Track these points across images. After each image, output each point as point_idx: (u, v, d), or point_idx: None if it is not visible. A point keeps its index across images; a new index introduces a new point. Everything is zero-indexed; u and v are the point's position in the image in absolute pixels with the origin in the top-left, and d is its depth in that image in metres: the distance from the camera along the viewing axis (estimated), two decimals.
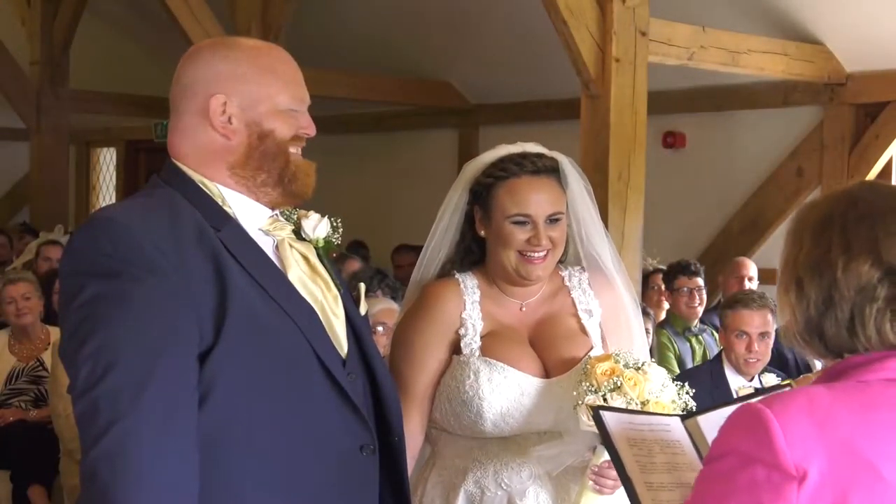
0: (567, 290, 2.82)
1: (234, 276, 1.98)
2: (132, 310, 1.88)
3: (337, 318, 2.14)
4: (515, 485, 2.65)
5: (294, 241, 2.17)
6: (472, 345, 2.70)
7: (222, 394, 1.94)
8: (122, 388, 1.84)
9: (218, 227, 2.03)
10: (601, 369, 2.57)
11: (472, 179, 2.79)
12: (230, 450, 1.95)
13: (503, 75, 9.01)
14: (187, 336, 1.91)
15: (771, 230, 7.94)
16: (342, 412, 2.07)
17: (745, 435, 1.56)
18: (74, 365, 1.90)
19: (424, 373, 2.71)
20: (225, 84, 2.08)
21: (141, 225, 1.95)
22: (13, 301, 6.24)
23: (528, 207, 2.69)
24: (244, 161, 2.09)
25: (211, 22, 7.48)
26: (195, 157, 2.10)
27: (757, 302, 4.71)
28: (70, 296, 1.93)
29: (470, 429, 2.67)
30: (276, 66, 2.13)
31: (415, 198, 9.60)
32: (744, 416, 1.58)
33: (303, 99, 2.16)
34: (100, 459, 1.82)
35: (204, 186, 2.09)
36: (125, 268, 1.90)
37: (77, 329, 1.91)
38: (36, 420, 6.15)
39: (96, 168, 13.78)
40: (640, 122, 5.81)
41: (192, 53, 2.15)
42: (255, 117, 2.09)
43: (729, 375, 4.65)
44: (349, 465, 2.08)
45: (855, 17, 6.93)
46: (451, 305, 2.74)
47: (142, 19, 10.77)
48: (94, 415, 1.84)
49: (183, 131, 2.12)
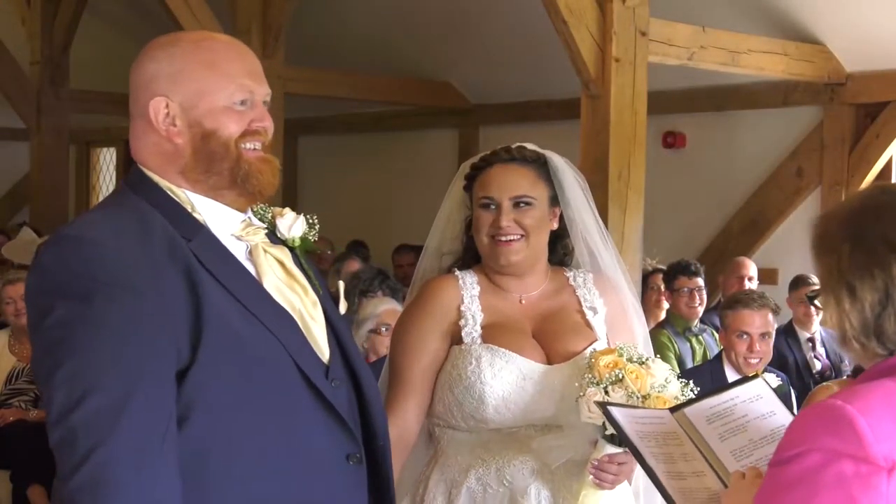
0: (572, 288, 2.86)
1: (209, 291, 1.91)
2: (107, 332, 1.81)
3: (316, 324, 2.07)
4: (518, 482, 2.67)
5: (268, 245, 2.08)
6: (472, 334, 2.73)
7: (202, 412, 1.87)
8: (100, 414, 1.77)
9: (189, 237, 1.95)
10: (604, 361, 2.59)
11: (462, 176, 2.86)
12: (213, 469, 1.89)
13: (503, 75, 9.01)
14: (165, 356, 1.84)
15: (771, 230, 7.94)
16: (326, 423, 2.01)
17: (829, 431, 1.60)
18: (48, 388, 1.82)
19: (418, 359, 2.74)
20: (164, 84, 1.99)
21: (112, 242, 1.87)
22: (12, 301, 6.25)
23: (491, 190, 2.76)
24: (193, 164, 2.00)
25: (211, 22, 7.47)
26: (152, 161, 2.02)
27: (757, 302, 4.71)
28: (40, 316, 1.85)
29: (472, 416, 2.68)
30: (217, 60, 2.01)
31: (415, 198, 9.60)
32: (824, 413, 1.62)
33: (251, 90, 2.02)
34: (80, 490, 1.75)
35: (172, 193, 2.01)
36: (96, 287, 1.82)
37: (49, 352, 1.83)
38: (36, 420, 6.14)
39: (96, 168, 13.78)
40: (640, 122, 5.81)
41: (140, 53, 2.06)
42: (196, 117, 1.99)
43: (729, 375, 4.65)
44: (336, 476, 2.02)
45: (855, 17, 6.93)
46: (447, 298, 2.77)
47: (142, 19, 10.76)
48: (73, 443, 1.76)
49: (136, 136, 2.04)
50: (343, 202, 10.45)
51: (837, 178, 7.55)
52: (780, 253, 7.83)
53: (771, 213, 7.93)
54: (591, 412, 2.54)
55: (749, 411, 2.20)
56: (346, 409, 2.06)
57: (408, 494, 2.79)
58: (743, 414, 2.19)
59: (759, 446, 2.13)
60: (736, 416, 2.19)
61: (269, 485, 1.93)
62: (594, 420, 2.55)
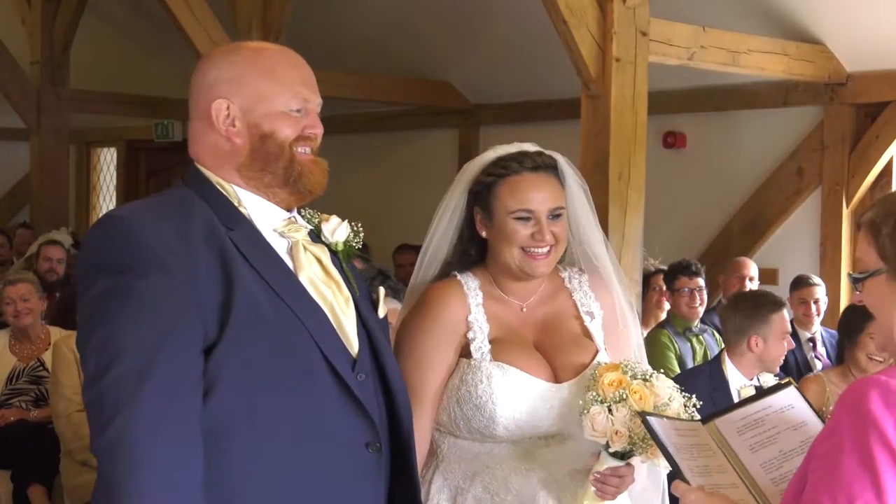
0: (568, 291, 2.83)
1: (242, 273, 2.02)
2: (135, 304, 1.94)
3: (347, 318, 2.17)
4: (525, 490, 2.65)
5: (309, 243, 2.20)
6: (482, 348, 2.70)
7: (225, 387, 1.98)
8: (123, 381, 1.89)
9: (231, 227, 2.08)
10: (608, 380, 2.57)
11: (472, 180, 2.79)
12: (232, 441, 1.99)
13: (503, 75, 9.01)
14: (190, 330, 1.95)
15: (771, 230, 7.94)
16: (347, 409, 2.10)
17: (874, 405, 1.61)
18: (84, 355, 1.97)
19: (433, 374, 2.70)
20: (226, 88, 2.13)
21: (149, 222, 2.01)
22: (13, 301, 6.25)
23: (531, 203, 2.71)
24: (250, 163, 2.14)
25: (211, 22, 7.47)
26: (208, 159, 2.16)
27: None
28: (83, 290, 2.01)
29: (480, 433, 2.67)
30: (276, 67, 2.16)
31: (415, 198, 9.60)
32: (870, 385, 1.64)
33: (306, 98, 2.18)
34: (103, 450, 1.89)
35: (221, 188, 2.14)
36: (132, 263, 1.96)
37: (86, 322, 1.98)
38: (36, 420, 6.15)
39: (96, 168, 13.77)
40: (640, 122, 5.80)
41: (202, 60, 2.22)
42: (255, 119, 2.13)
43: (729, 375, 4.65)
44: (353, 461, 2.11)
45: (855, 17, 6.93)
46: (456, 307, 2.74)
47: (142, 19, 10.76)
48: (100, 406, 1.90)
49: (195, 136, 2.19)
50: (343, 202, 10.42)
51: (837, 178, 7.55)
52: (780, 253, 7.83)
53: (771, 213, 7.93)
54: (595, 430, 2.53)
55: (780, 422, 2.18)
56: (370, 399, 2.15)
57: None
58: (774, 425, 2.17)
59: (789, 458, 2.10)
60: (767, 426, 2.17)
61: (287, 461, 2.02)
62: (597, 438, 2.54)
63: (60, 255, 8.40)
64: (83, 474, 5.46)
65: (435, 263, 2.86)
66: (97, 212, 13.60)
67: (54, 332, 6.39)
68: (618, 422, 2.52)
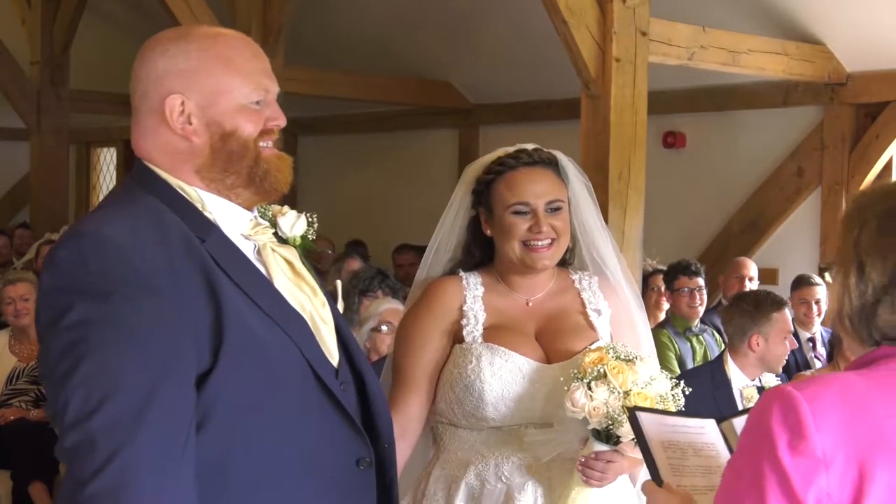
0: (577, 290, 2.87)
1: (227, 293, 1.87)
2: (127, 334, 1.75)
3: (326, 325, 2.04)
4: (515, 478, 2.68)
5: (276, 245, 2.05)
6: (474, 333, 2.75)
7: (221, 416, 1.84)
8: (121, 419, 1.72)
9: (203, 237, 1.90)
10: (590, 358, 2.61)
11: (473, 180, 2.84)
12: (228, 474, 1.86)
13: (503, 75, 9.01)
14: (185, 358, 1.80)
15: (771, 230, 7.95)
16: (339, 425, 1.99)
17: (774, 417, 1.56)
18: (61, 389, 1.75)
19: (420, 357, 2.76)
20: (179, 81, 1.93)
21: (130, 239, 1.81)
22: (12, 301, 6.25)
23: (526, 195, 2.74)
24: (210, 163, 1.95)
25: (211, 22, 7.47)
26: (163, 159, 1.96)
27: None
28: (56, 315, 1.78)
29: (472, 415, 2.70)
30: (233, 56, 1.96)
31: (415, 198, 9.61)
32: (774, 397, 1.58)
33: (267, 88, 1.99)
34: (101, 496, 1.71)
35: (182, 191, 1.95)
36: (117, 287, 1.77)
37: (66, 353, 1.76)
38: (36, 419, 6.15)
39: (96, 168, 13.78)
40: (640, 122, 5.81)
41: (146, 46, 1.98)
42: (214, 116, 1.94)
43: (731, 375, 4.65)
44: (346, 480, 2.00)
45: (855, 17, 6.93)
46: (450, 298, 2.79)
47: (142, 19, 10.76)
48: (92, 447, 1.72)
49: (143, 132, 1.98)
50: (343, 202, 10.45)
51: (837, 178, 7.55)
52: (780, 253, 7.83)
53: (771, 213, 7.93)
54: (574, 406, 2.56)
55: None
56: (354, 411, 2.03)
57: (410, 491, 2.80)
58: None
59: None
60: None
61: (283, 487, 1.91)
62: (576, 414, 2.56)
63: None
64: None
65: (439, 263, 2.90)
66: None
67: None
68: (596, 398, 2.53)
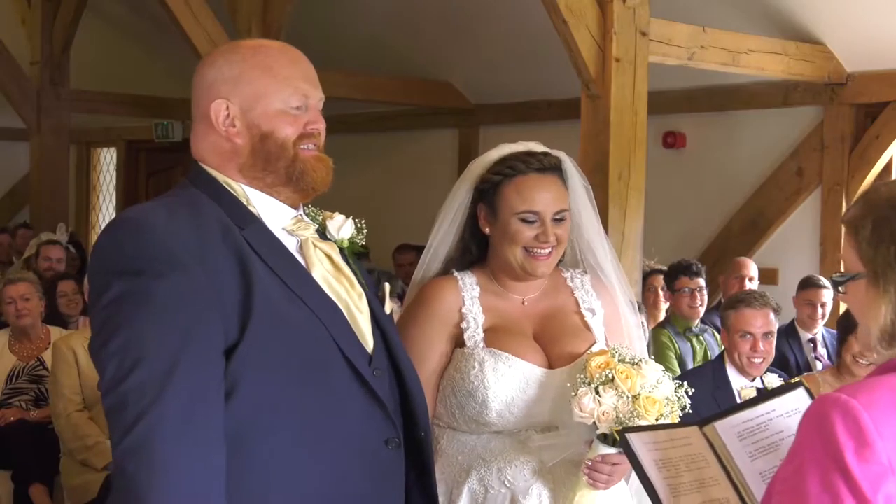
0: (570, 289, 2.86)
1: (259, 273, 2.01)
2: (155, 306, 1.92)
3: (362, 315, 2.17)
4: (519, 483, 2.67)
5: (318, 240, 2.19)
6: (475, 337, 2.73)
7: (248, 388, 1.97)
8: (147, 383, 1.88)
9: (242, 226, 2.07)
10: (596, 362, 2.60)
11: (478, 177, 2.81)
12: (256, 442, 1.98)
13: (503, 75, 9.01)
14: (211, 331, 1.94)
15: (771, 230, 7.94)
16: (367, 406, 2.11)
17: (832, 428, 1.56)
18: (101, 361, 1.94)
19: (425, 364, 2.72)
20: (225, 88, 2.12)
21: (163, 223, 1.98)
22: (13, 301, 6.25)
23: (537, 205, 2.73)
24: (251, 163, 2.13)
25: (211, 22, 7.47)
26: (212, 159, 2.15)
27: (759, 301, 4.70)
28: (97, 294, 1.98)
29: (475, 420, 2.69)
30: (273, 65, 2.14)
31: (415, 198, 9.61)
32: (831, 406, 1.57)
33: (307, 94, 2.16)
34: (126, 453, 1.87)
35: (228, 187, 2.13)
36: (147, 265, 1.93)
37: (103, 327, 1.95)
38: (37, 420, 6.15)
39: (96, 168, 13.77)
40: (640, 122, 5.81)
41: (202, 61, 2.20)
42: (254, 119, 2.12)
43: (731, 376, 4.64)
44: (374, 458, 2.12)
45: (855, 17, 6.93)
46: (449, 300, 2.77)
47: (142, 19, 10.76)
48: (122, 410, 1.89)
49: (197, 137, 2.18)
50: (343, 202, 10.40)
51: (837, 178, 7.55)
52: (780, 253, 7.83)
53: (771, 213, 7.93)
54: (583, 412, 2.55)
55: (784, 428, 2.10)
56: (387, 397, 2.15)
57: None
58: (777, 430, 2.10)
59: None
60: (770, 432, 2.10)
61: (308, 460, 2.03)
62: (585, 420, 2.56)
63: (60, 254, 8.42)
64: (83, 474, 5.47)
65: (437, 260, 2.88)
66: (97, 212, 13.61)
67: (54, 332, 6.39)
68: (605, 403, 2.53)
